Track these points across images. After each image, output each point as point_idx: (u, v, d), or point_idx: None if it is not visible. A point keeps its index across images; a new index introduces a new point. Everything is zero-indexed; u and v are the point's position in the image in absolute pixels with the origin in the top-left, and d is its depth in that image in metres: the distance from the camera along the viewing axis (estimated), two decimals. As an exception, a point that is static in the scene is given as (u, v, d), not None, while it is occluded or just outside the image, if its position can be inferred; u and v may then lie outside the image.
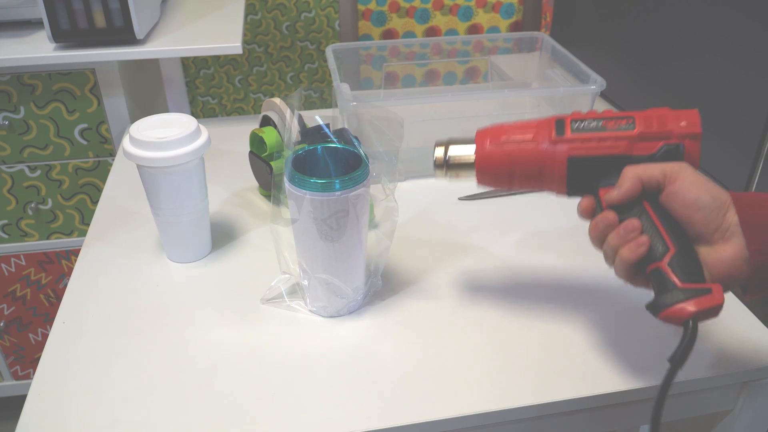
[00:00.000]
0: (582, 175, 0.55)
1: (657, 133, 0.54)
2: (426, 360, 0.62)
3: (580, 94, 0.91)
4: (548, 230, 0.80)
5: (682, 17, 0.94)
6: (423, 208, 0.85)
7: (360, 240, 0.63)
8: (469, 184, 0.74)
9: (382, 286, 0.70)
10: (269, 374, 0.60)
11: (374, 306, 0.69)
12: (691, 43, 0.93)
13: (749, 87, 0.84)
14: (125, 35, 1.05)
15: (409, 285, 0.72)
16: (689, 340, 0.49)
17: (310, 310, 0.68)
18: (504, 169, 0.57)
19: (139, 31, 1.05)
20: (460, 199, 0.87)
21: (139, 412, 0.57)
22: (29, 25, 1.16)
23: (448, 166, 0.59)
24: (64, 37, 1.04)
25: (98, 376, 0.60)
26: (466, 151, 0.58)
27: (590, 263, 0.74)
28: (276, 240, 0.69)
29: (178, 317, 0.67)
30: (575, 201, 0.57)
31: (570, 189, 0.56)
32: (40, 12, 1.01)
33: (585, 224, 0.56)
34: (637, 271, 0.52)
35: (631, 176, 0.53)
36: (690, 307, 0.48)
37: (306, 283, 0.66)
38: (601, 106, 1.15)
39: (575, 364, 0.61)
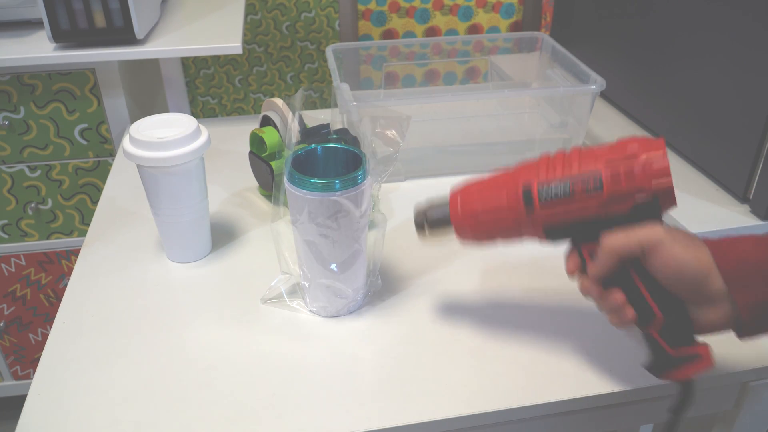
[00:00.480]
0: (561, 236, 0.56)
1: (627, 191, 0.52)
2: (426, 360, 0.62)
3: (580, 94, 0.91)
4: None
5: (682, 17, 0.94)
6: (423, 208, 0.85)
7: (360, 240, 0.63)
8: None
9: (382, 286, 0.71)
10: (269, 374, 0.60)
11: (374, 306, 0.69)
12: (691, 43, 0.93)
13: (749, 87, 0.84)
14: (125, 35, 1.05)
15: (409, 285, 0.72)
16: (684, 400, 0.53)
17: (310, 310, 0.68)
18: (482, 235, 0.58)
19: (139, 31, 1.05)
20: (460, 199, 0.87)
21: (139, 412, 0.57)
22: (29, 25, 1.16)
23: (429, 229, 0.60)
24: (64, 37, 1.04)
25: (98, 376, 0.60)
26: (443, 215, 0.59)
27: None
28: (276, 240, 0.69)
29: (178, 317, 0.67)
30: None
31: (552, 243, 0.57)
32: (40, 12, 1.01)
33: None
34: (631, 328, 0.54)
35: (608, 251, 0.52)
36: (680, 374, 0.52)
37: (306, 283, 0.66)
38: (602, 106, 1.16)
39: (575, 365, 0.61)
